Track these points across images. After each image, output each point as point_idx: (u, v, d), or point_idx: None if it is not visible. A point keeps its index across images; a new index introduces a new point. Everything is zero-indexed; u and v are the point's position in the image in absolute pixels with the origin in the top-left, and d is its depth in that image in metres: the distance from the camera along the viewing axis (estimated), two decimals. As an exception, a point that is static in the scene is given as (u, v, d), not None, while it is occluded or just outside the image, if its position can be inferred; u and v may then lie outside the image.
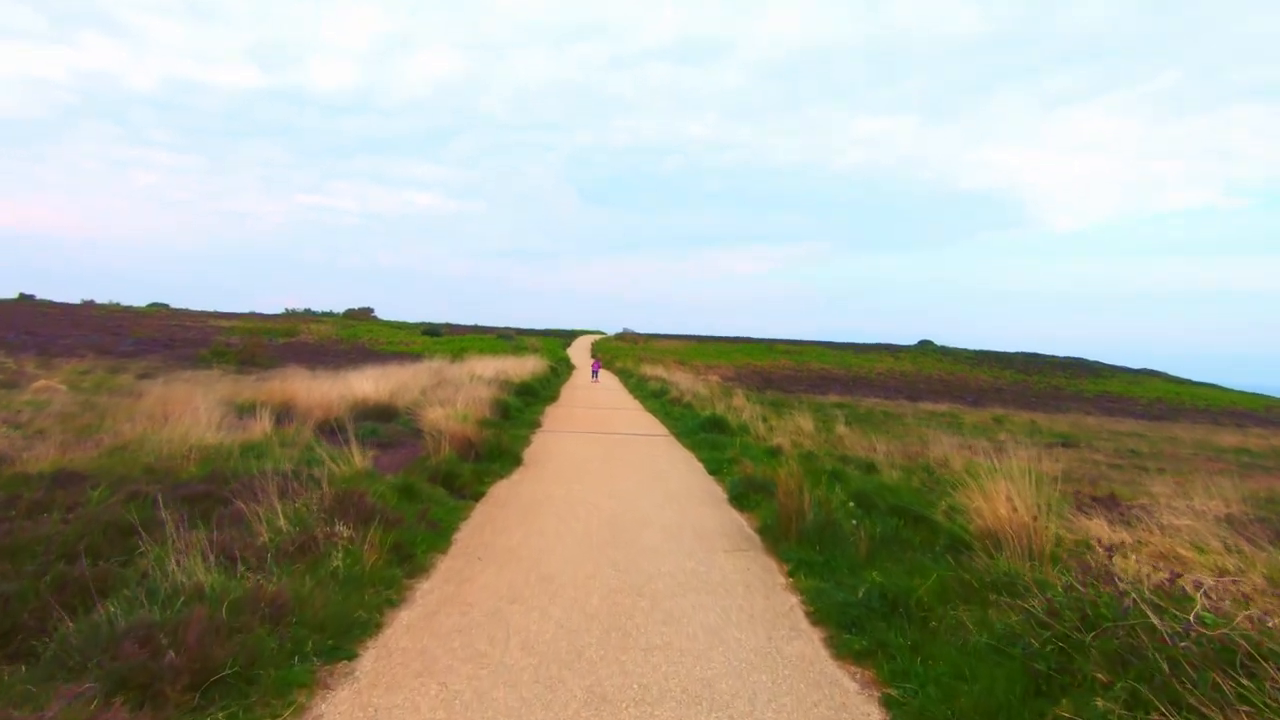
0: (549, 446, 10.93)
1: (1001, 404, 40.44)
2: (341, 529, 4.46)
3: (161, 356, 28.85)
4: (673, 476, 8.82)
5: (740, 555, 5.51)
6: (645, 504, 7.13)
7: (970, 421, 25.62)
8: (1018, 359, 74.33)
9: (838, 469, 9.54)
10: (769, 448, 11.10)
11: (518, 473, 8.62)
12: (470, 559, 5.04)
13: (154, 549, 3.80)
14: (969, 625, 3.82)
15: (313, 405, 12.56)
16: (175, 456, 7.84)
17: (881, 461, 10.94)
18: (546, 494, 7.41)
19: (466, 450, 8.87)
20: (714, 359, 56.42)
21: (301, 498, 5.02)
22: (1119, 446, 19.56)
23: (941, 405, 34.34)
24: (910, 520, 6.46)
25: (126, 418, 10.78)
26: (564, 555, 5.22)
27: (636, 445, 11.58)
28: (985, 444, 18.07)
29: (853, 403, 31.89)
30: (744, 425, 13.75)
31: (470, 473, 8.05)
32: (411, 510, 5.82)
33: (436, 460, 8.29)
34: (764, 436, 12.71)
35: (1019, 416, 28.94)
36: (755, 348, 71.39)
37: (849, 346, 77.68)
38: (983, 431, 21.77)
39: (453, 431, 9.16)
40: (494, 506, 6.83)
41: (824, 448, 12.62)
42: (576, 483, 8.09)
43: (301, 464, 8.03)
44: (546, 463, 9.38)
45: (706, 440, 11.66)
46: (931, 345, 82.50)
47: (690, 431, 13.16)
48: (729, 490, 7.81)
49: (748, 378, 44.56)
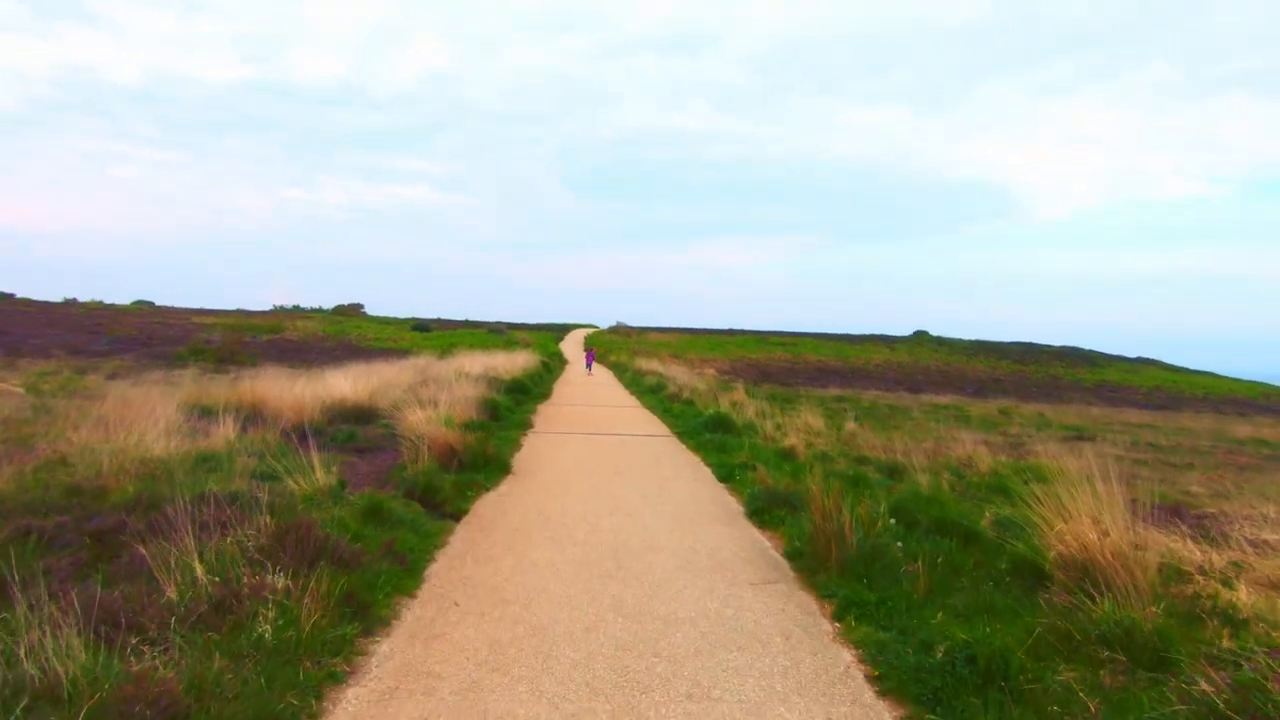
0: (541, 450, 10.00)
1: (1002, 395, 39.78)
2: (276, 578, 3.51)
3: (136, 356, 27.70)
4: (679, 485, 7.91)
5: (771, 590, 4.59)
6: (652, 521, 6.21)
7: (976, 414, 24.86)
8: (1013, 349, 73.84)
9: (859, 473, 8.66)
10: (781, 449, 10.21)
11: (506, 483, 7.68)
12: (444, 604, 4.11)
13: (9, 616, 2.85)
14: (1089, 703, 2.92)
15: (284, 408, 11.57)
16: (114, 472, 6.86)
17: (905, 463, 10.08)
18: (539, 510, 6.48)
19: (449, 458, 7.93)
20: (708, 352, 55.55)
21: (234, 533, 4.07)
22: (1135, 439, 18.80)
23: (944, 397, 33.60)
24: (959, 538, 5.59)
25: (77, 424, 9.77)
26: (559, 595, 4.30)
27: (637, 448, 10.66)
28: (1000, 439, 17.26)
29: (853, 396, 31.09)
30: (750, 424, 12.85)
31: (452, 485, 7.11)
32: (376, 539, 4.87)
33: (414, 471, 7.35)
34: (773, 436, 11.82)
35: (1024, 408, 28.20)
36: (749, 340, 70.56)
37: (844, 338, 76.97)
38: (992, 425, 20.99)
39: (434, 437, 8.22)
40: (478, 528, 5.90)
41: (838, 448, 11.75)
42: (572, 495, 7.17)
43: (257, 478, 7.08)
44: (538, 471, 8.44)
45: (712, 441, 10.75)
46: (927, 336, 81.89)
47: (693, 431, 12.25)
48: (746, 503, 6.89)
49: (744, 371, 43.73)
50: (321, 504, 5.95)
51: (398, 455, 8.89)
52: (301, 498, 6.04)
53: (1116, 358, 73.97)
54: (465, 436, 8.31)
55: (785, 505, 6.43)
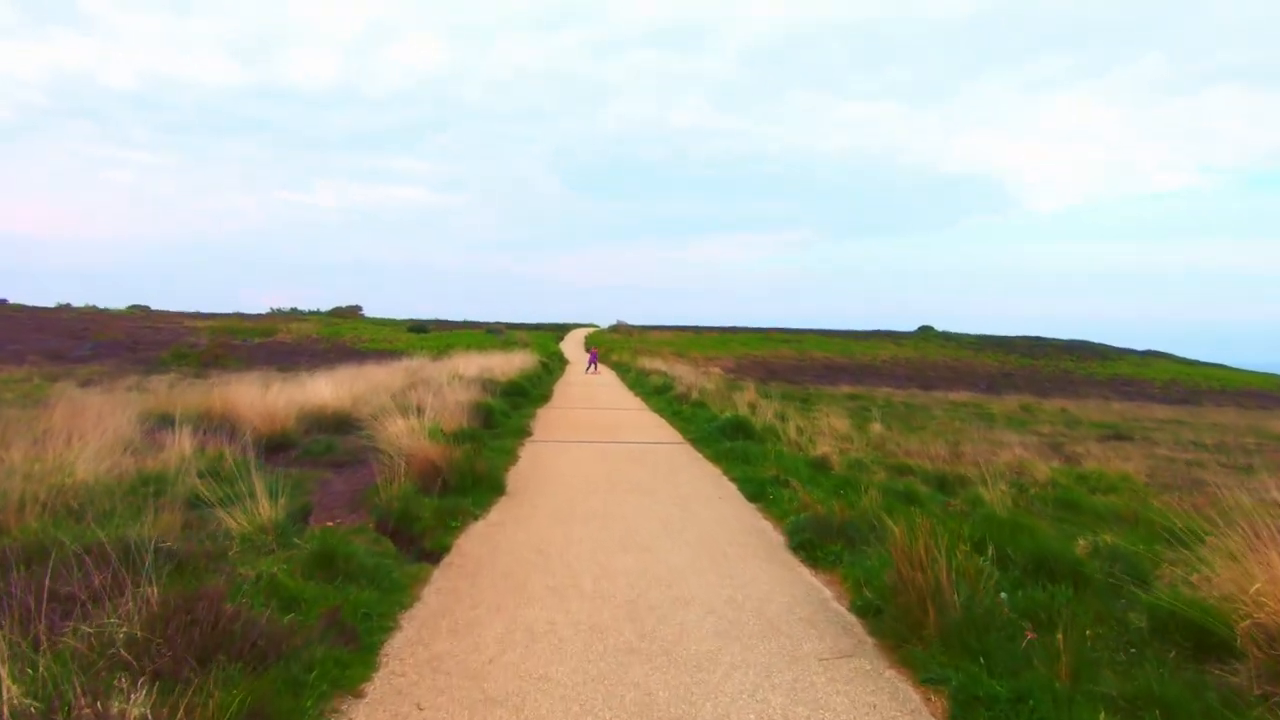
0: (541, 463, 8.81)
1: (1015, 390, 38.58)
2: (136, 696, 2.32)
3: (118, 361, 26.55)
4: (703, 507, 6.71)
5: (849, 670, 3.40)
6: (676, 559, 5.03)
7: (998, 412, 23.67)
8: (1020, 343, 72.65)
9: (908, 488, 7.46)
10: (811, 459, 9.01)
11: (499, 508, 6.49)
12: (401, 707, 2.92)
13: None
14: None
15: (255, 417, 10.35)
16: (19, 505, 5.67)
17: (951, 472, 8.89)
18: (536, 546, 5.29)
19: (431, 478, 6.74)
20: (712, 350, 54.37)
21: (101, 613, 2.88)
22: (1176, 438, 17.60)
23: (959, 394, 32.42)
24: (1067, 582, 4.40)
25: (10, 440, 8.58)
26: (563, 686, 3.11)
27: (648, 458, 9.46)
28: (1034, 439, 16.08)
29: (866, 393, 29.90)
30: (771, 428, 11.65)
31: (434, 513, 5.92)
32: (321, 603, 3.68)
33: (388, 495, 6.16)
34: (798, 443, 10.62)
35: (1046, 405, 27.00)
36: (753, 337, 69.37)
37: (849, 334, 75.77)
38: (1020, 423, 19.80)
39: (414, 452, 7.03)
40: (460, 574, 4.71)
41: (871, 454, 10.56)
42: (576, 522, 5.97)
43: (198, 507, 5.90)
44: (537, 489, 7.25)
45: (733, 450, 9.55)
46: (932, 331, 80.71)
47: (709, 437, 11.06)
48: (788, 533, 5.69)
49: (750, 369, 42.55)
50: (263, 547, 4.77)
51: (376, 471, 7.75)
52: (240, 538, 4.86)
53: (1126, 351, 72.76)
54: (452, 451, 7.11)
55: (839, 537, 5.24)
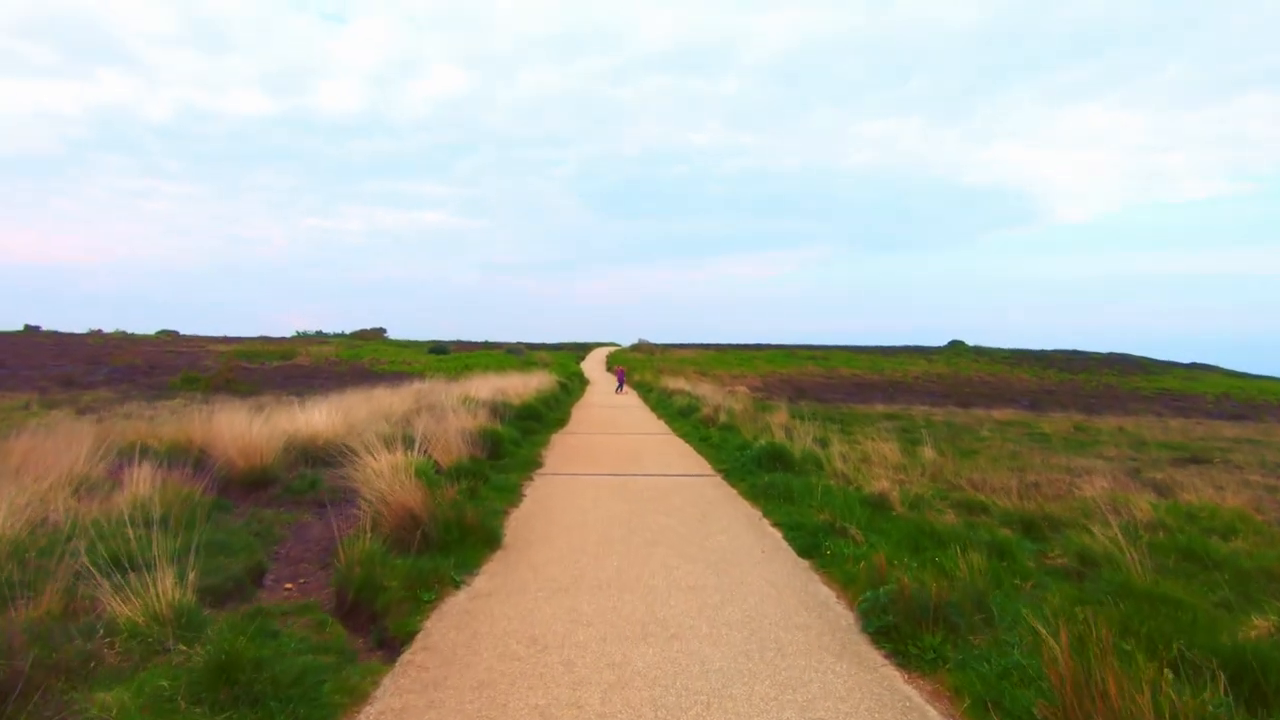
0: (548, 505, 7.54)
1: (1060, 407, 36.53)
2: None
3: (129, 386, 25.94)
4: (745, 568, 5.37)
5: None
6: (716, 653, 3.71)
7: (1050, 431, 21.91)
8: (1057, 357, 70.01)
9: (996, 539, 6.05)
10: (867, 496, 7.62)
11: (488, 571, 5.22)
12: None
13: None
14: None
15: (235, 449, 9.25)
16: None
17: (1038, 511, 7.44)
18: (528, 633, 4.01)
19: (408, 530, 5.51)
20: (736, 368, 52.88)
21: None
22: (1261, 460, 15.81)
23: (1000, 411, 30.57)
24: None
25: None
26: None
27: (674, 496, 8.14)
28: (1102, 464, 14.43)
29: (903, 413, 28.24)
30: (813, 456, 10.28)
31: (404, 580, 4.68)
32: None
33: (350, 558, 4.93)
34: (845, 474, 9.23)
35: (1099, 423, 25.12)
36: (777, 354, 67.72)
37: (877, 350, 73.74)
38: (1079, 445, 18.10)
39: (390, 497, 5.80)
40: (417, 683, 3.44)
41: (931, 487, 9.12)
42: (585, 594, 4.68)
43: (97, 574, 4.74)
44: (539, 543, 5.97)
45: (772, 486, 8.20)
46: (963, 346, 78.32)
47: (741, 469, 9.72)
48: (862, 613, 4.32)
49: (777, 387, 41.01)
50: (155, 644, 3.55)
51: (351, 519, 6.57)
52: (126, 631, 3.65)
53: (1170, 364, 69.72)
54: (434, 496, 5.87)
55: (936, 621, 3.88)
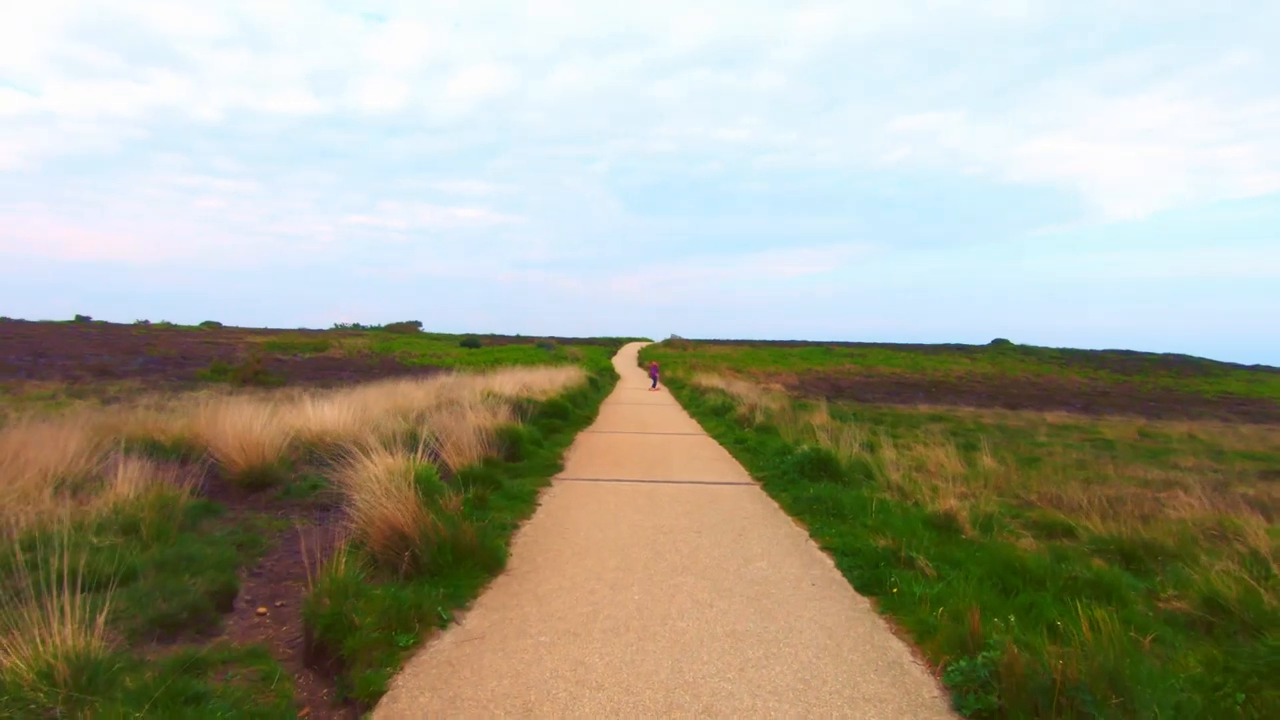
0: (564, 517, 6.69)
1: (1117, 410, 34.49)
2: None
3: (160, 376, 25.97)
4: (793, 607, 4.44)
5: None
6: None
7: (1113, 438, 20.36)
8: (1110, 357, 66.93)
9: (1100, 576, 4.99)
10: (930, 515, 6.60)
11: (483, 604, 4.38)
12: None
13: None
14: None
15: (234, 446, 8.62)
16: None
17: (1133, 537, 6.32)
18: (522, 698, 3.15)
19: (396, 551, 4.70)
20: (771, 365, 51.54)
21: None
22: (1361, 474, 14.17)
23: (1053, 414, 28.85)
24: None
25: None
26: None
27: (707, 509, 7.22)
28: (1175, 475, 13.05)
29: (948, 414, 26.78)
30: (861, 464, 9.25)
31: (379, 617, 3.86)
32: None
33: (320, 586, 4.13)
34: (901, 487, 8.19)
35: (1167, 428, 23.36)
36: (814, 351, 66.04)
37: (916, 348, 71.50)
38: (1148, 454, 16.62)
39: (377, 514, 5.00)
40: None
41: (999, 501, 8.03)
42: (597, 640, 3.81)
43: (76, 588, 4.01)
44: (549, 568, 5.12)
45: (818, 500, 7.22)
46: (1008, 345, 75.50)
47: (782, 477, 8.76)
48: (952, 689, 3.35)
49: (813, 385, 39.65)
50: (39, 713, 2.77)
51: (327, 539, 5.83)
52: (10, 692, 2.87)
53: (1231, 366, 66.10)
54: (429, 512, 5.04)
55: (1060, 708, 2.90)
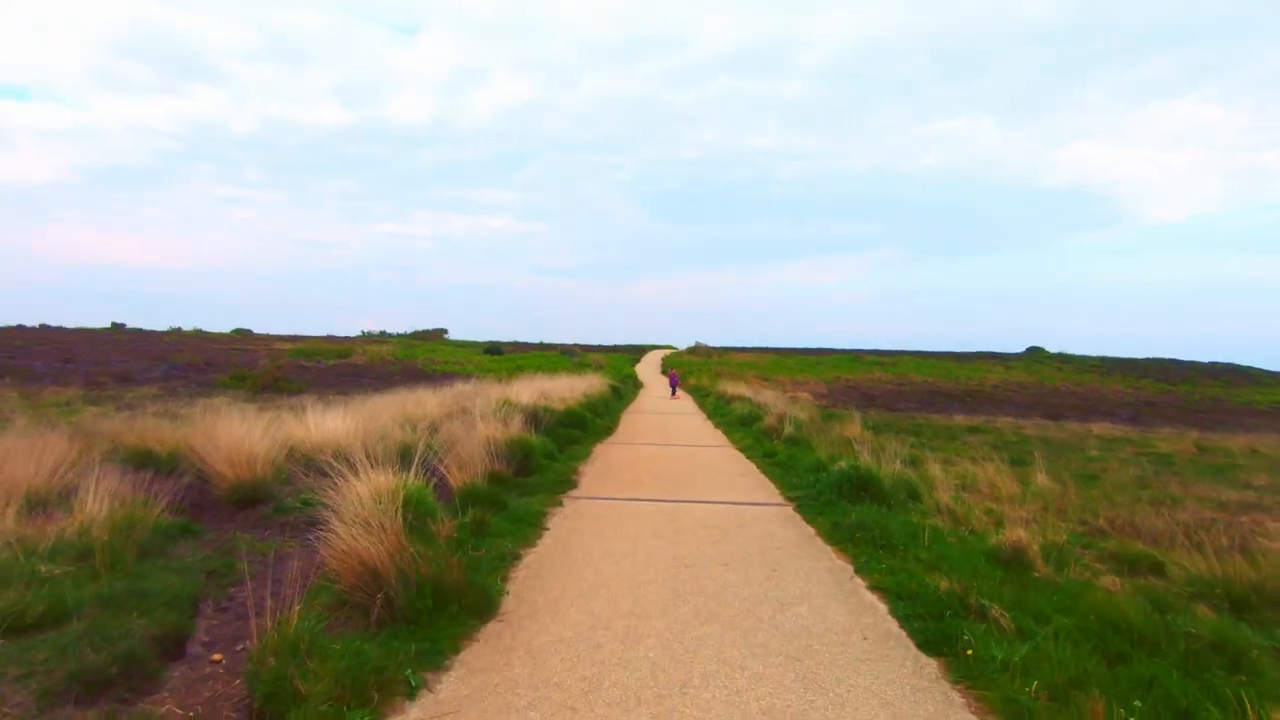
0: (574, 545, 5.93)
1: (1165, 421, 32.80)
2: None
3: (180, 383, 25.86)
4: (845, 675, 3.61)
5: None
6: None
7: (1169, 451, 19.04)
8: (1153, 366, 64.45)
9: (1217, 633, 4.08)
10: (994, 547, 5.71)
11: (463, 665, 3.62)
12: None
13: None
14: None
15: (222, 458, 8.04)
16: None
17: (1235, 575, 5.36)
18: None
19: (368, 592, 3.98)
20: (799, 373, 50.38)
21: None
22: None
23: (1099, 426, 27.40)
24: None
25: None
26: None
27: (735, 537, 6.41)
28: (1256, 496, 11.87)
29: (987, 425, 25.53)
30: (905, 483, 8.35)
31: (334, 681, 3.14)
32: None
33: (266, 642, 3.42)
34: (953, 510, 7.29)
35: (1226, 441, 21.88)
36: (843, 359, 64.63)
37: (948, 356, 69.65)
38: (1213, 470, 15.36)
39: (349, 546, 4.29)
40: None
41: (1065, 528, 7.07)
42: (600, 711, 3.04)
43: None
44: (550, 612, 4.35)
45: (861, 527, 6.36)
46: (1044, 352, 73.20)
47: (818, 497, 7.90)
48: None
49: (843, 394, 38.48)
50: None
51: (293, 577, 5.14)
52: None
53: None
54: (408, 551, 4.31)
55: None
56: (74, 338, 58.34)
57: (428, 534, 5.31)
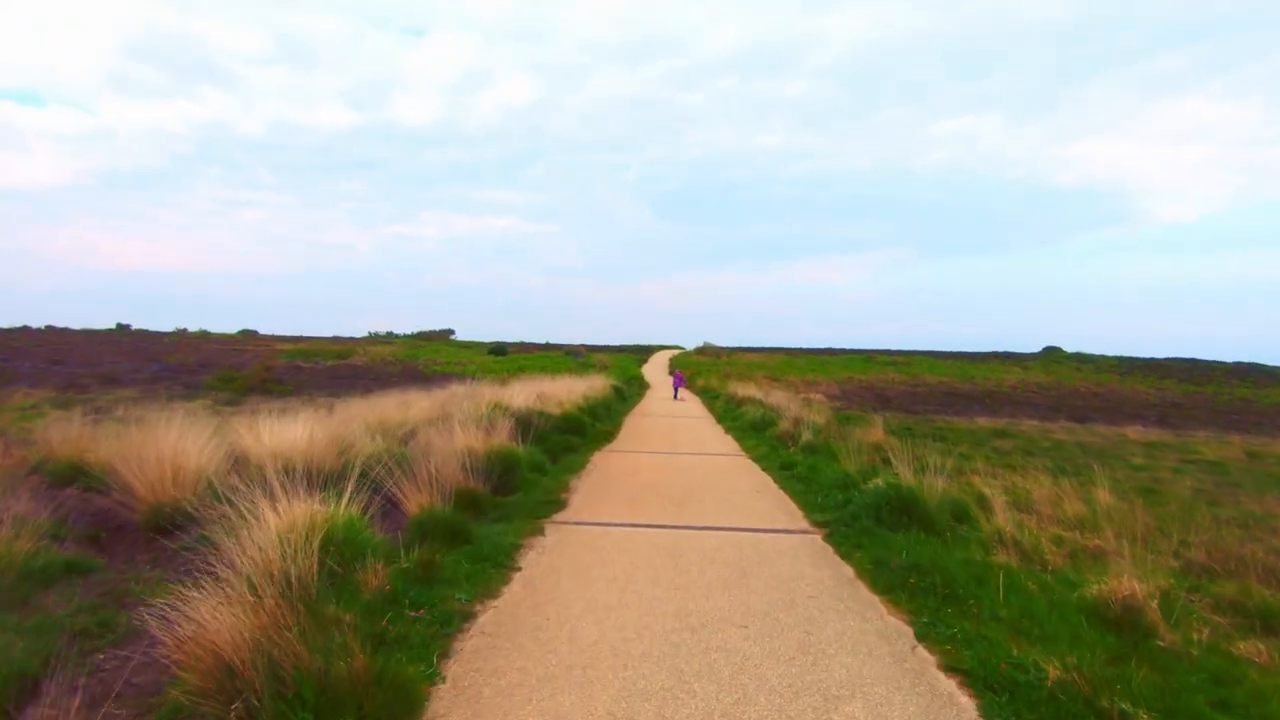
0: (548, 595, 4.64)
1: (1197, 423, 31.22)
2: None
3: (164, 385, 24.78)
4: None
5: None
6: None
7: (1214, 458, 17.58)
8: (1175, 366, 62.58)
9: None
10: (1095, 600, 4.38)
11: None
12: None
13: None
14: None
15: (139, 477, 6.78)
16: None
17: None
18: None
19: (222, 702, 2.71)
20: (810, 373, 48.95)
21: None
22: None
23: (1130, 429, 25.91)
24: None
25: None
26: None
27: (755, 580, 5.10)
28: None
29: (1011, 428, 24.09)
30: (953, 503, 7.02)
31: None
32: None
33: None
34: (1019, 541, 5.95)
35: (1275, 446, 20.38)
36: (854, 359, 63.14)
37: (963, 356, 68.02)
38: (1273, 481, 13.91)
39: (203, 634, 3.01)
40: None
41: (1169, 573, 5.73)
42: None
43: None
44: (505, 707, 3.06)
45: (914, 569, 5.03)
46: (1061, 352, 71.43)
47: (852, 523, 6.58)
48: None
49: (856, 395, 37.05)
50: None
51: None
52: None
53: (1312, 375, 61.16)
54: (288, 633, 3.02)
55: None
56: (75, 339, 57.64)
57: (351, 588, 4.03)
